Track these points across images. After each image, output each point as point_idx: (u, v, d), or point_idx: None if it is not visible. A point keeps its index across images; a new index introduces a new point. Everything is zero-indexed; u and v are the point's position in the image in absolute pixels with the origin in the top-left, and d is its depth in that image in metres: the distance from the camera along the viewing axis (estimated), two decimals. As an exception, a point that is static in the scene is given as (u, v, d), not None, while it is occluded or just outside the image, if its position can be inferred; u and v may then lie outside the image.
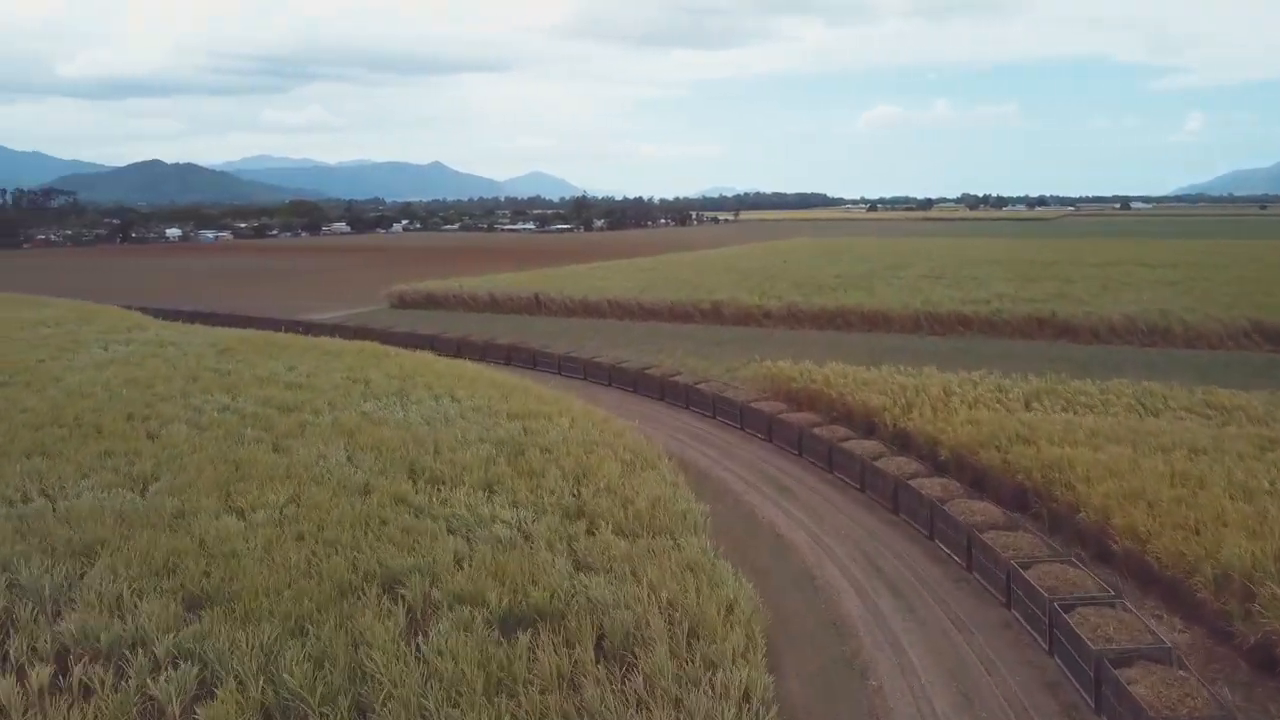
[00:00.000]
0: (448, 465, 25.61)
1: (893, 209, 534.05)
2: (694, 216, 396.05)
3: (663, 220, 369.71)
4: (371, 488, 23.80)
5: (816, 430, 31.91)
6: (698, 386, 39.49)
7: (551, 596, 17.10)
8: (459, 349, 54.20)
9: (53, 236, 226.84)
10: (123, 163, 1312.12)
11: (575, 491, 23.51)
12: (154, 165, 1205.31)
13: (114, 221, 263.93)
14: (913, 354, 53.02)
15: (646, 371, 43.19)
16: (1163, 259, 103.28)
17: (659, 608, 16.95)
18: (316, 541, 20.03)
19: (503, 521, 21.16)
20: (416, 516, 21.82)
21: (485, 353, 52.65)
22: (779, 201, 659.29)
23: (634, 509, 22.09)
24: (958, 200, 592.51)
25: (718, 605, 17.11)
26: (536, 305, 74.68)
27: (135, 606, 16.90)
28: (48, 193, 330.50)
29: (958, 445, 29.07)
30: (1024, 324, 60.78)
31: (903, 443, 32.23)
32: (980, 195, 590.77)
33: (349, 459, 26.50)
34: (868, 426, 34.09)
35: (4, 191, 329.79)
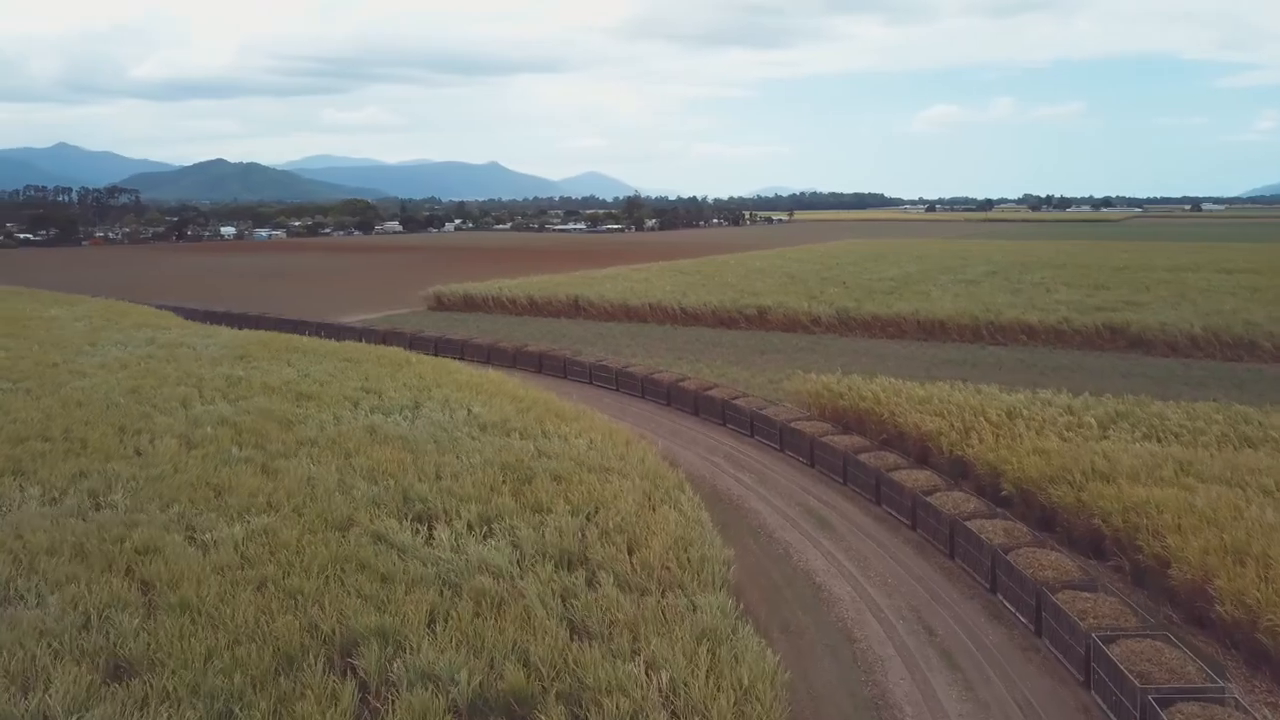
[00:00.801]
0: (445, 494, 22.93)
1: (951, 210, 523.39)
2: (747, 216, 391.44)
3: (715, 220, 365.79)
4: (355, 521, 21.21)
5: (863, 457, 28.62)
6: (735, 402, 36.37)
7: (530, 677, 14.22)
8: (489, 355, 51.73)
9: (111, 234, 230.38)
10: (189, 162, 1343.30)
11: (582, 531, 20.63)
12: (218, 165, 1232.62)
13: (173, 219, 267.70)
14: (972, 366, 49.34)
15: (681, 384, 40.19)
16: (1243, 264, 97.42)
17: (659, 692, 14.01)
18: (277, 590, 17.44)
19: (492, 570, 18.37)
20: (399, 557, 19.16)
21: (516, 360, 50.10)
22: (835, 201, 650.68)
23: (646, 555, 19.15)
24: (1019, 201, 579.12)
25: (732, 689, 14.10)
26: (575, 308, 72.04)
27: (48, 675, 14.38)
28: (112, 191, 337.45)
29: (1023, 479, 25.62)
30: (1093, 334, 56.61)
31: (960, 472, 28.85)
32: (1043, 196, 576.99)
33: (339, 483, 23.97)
34: (921, 452, 30.72)
35: (70, 190, 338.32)
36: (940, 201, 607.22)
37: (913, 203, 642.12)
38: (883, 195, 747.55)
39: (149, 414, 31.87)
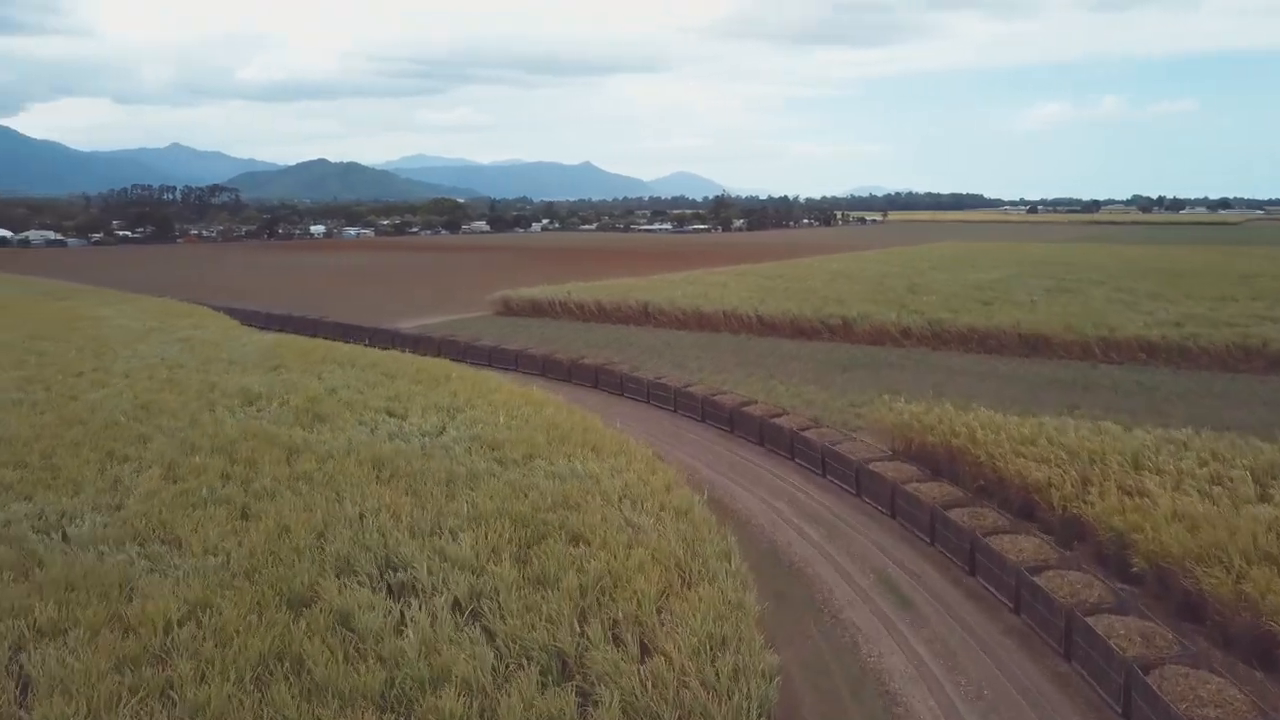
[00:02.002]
0: (436, 557, 18.87)
1: (1055, 211, 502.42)
2: (839, 217, 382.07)
3: (805, 220, 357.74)
4: (318, 594, 17.30)
5: (955, 513, 23.54)
6: (805, 434, 31.50)
7: None
8: (543, 368, 47.85)
9: (205, 232, 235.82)
10: (292, 162, 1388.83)
11: (582, 621, 16.26)
12: (319, 164, 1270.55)
13: (266, 217, 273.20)
14: (1083, 389, 43.32)
15: (746, 409, 35.46)
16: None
17: None
18: (176, 704, 13.58)
19: (460, 680, 14.17)
20: (353, 652, 15.15)
21: (571, 373, 46.07)
22: (931, 202, 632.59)
23: (661, 665, 14.70)
24: (1128, 202, 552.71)
25: None
26: (645, 315, 67.74)
27: None
28: (213, 190, 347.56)
29: (1161, 554, 20.29)
30: (1225, 353, 49.73)
31: (1075, 533, 23.57)
32: (1154, 197, 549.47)
33: (319, 536, 20.15)
34: (1026, 506, 25.47)
35: (174, 189, 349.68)
36: (1043, 202, 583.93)
37: (1013, 203, 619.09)
38: (982, 195, 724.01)
39: (147, 435, 28.79)
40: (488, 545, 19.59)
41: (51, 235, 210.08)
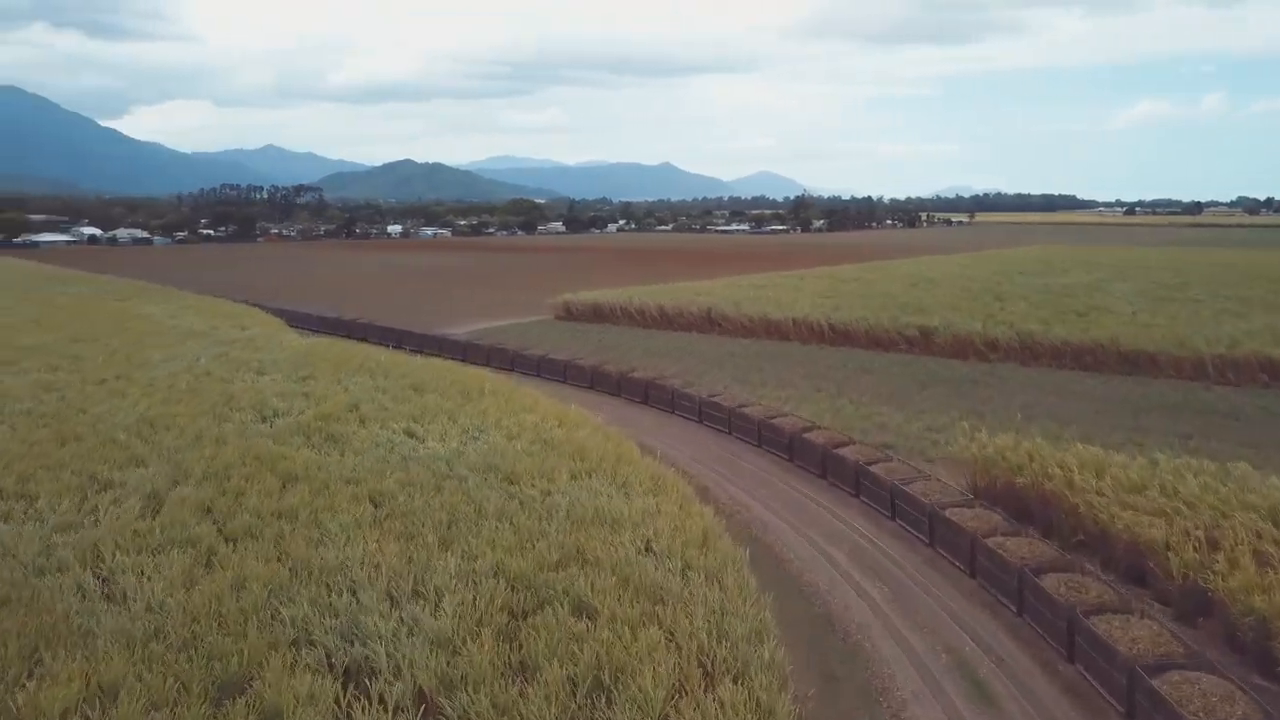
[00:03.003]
0: (406, 633, 15.62)
1: (1154, 213, 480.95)
2: (923, 218, 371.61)
3: (888, 221, 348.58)
4: (251, 679, 14.22)
5: (1050, 581, 19.37)
6: (872, 469, 27.47)
7: None
8: (592, 380, 44.58)
9: (286, 231, 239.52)
10: (379, 162, 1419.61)
11: (566, 739, 12.79)
12: (406, 164, 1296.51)
13: (346, 216, 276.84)
14: (1197, 416, 38.19)
15: (807, 435, 31.52)
16: None
17: None
18: None
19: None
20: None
21: (620, 386, 42.67)
22: (1021, 203, 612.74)
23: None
24: (1232, 204, 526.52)
25: None
26: (709, 322, 63.98)
27: None
28: (298, 189, 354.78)
29: (1321, 652, 15.91)
30: (1364, 376, 43.86)
31: (1199, 608, 19.24)
32: (1261, 199, 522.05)
33: (275, 595, 17.09)
34: (1135, 570, 21.15)
35: (261, 188, 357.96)
36: (1140, 204, 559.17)
37: (1109, 205, 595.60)
38: (1075, 197, 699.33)
39: (142, 458, 26.32)
40: (473, 615, 16.27)
41: (139, 234, 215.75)
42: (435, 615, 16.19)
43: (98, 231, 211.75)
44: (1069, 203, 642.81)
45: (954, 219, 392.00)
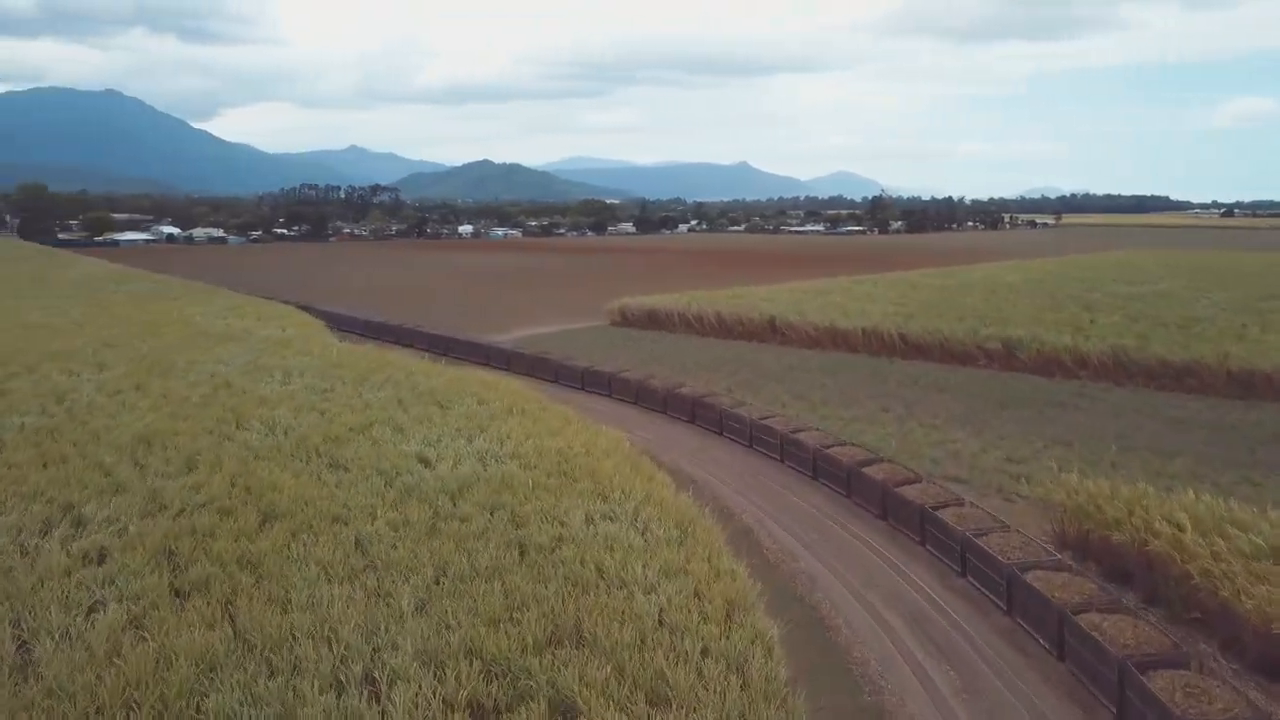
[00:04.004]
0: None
1: (1254, 215, 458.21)
2: (1006, 220, 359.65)
3: (970, 223, 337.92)
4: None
5: (1160, 679, 15.45)
6: (940, 514, 23.63)
7: None
8: (636, 395, 41.34)
9: (358, 231, 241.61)
10: (458, 162, 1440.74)
11: None
12: (483, 165, 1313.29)
13: (420, 216, 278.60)
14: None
15: (867, 469, 27.73)
16: None
17: None
18: None
19: None
20: None
21: (666, 403, 39.34)
22: (1110, 204, 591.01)
23: None
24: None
25: None
26: (771, 330, 60.17)
27: None
28: (374, 189, 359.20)
29: None
30: None
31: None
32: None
33: (210, 673, 14.25)
34: (1270, 663, 17.03)
35: (339, 188, 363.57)
36: (1239, 205, 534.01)
37: (1204, 206, 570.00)
38: (1167, 198, 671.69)
39: (123, 484, 23.92)
40: (427, 714, 13.15)
41: (215, 233, 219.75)
42: (382, 716, 13.11)
43: (176, 230, 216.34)
44: (1161, 204, 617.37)
45: (1039, 221, 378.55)
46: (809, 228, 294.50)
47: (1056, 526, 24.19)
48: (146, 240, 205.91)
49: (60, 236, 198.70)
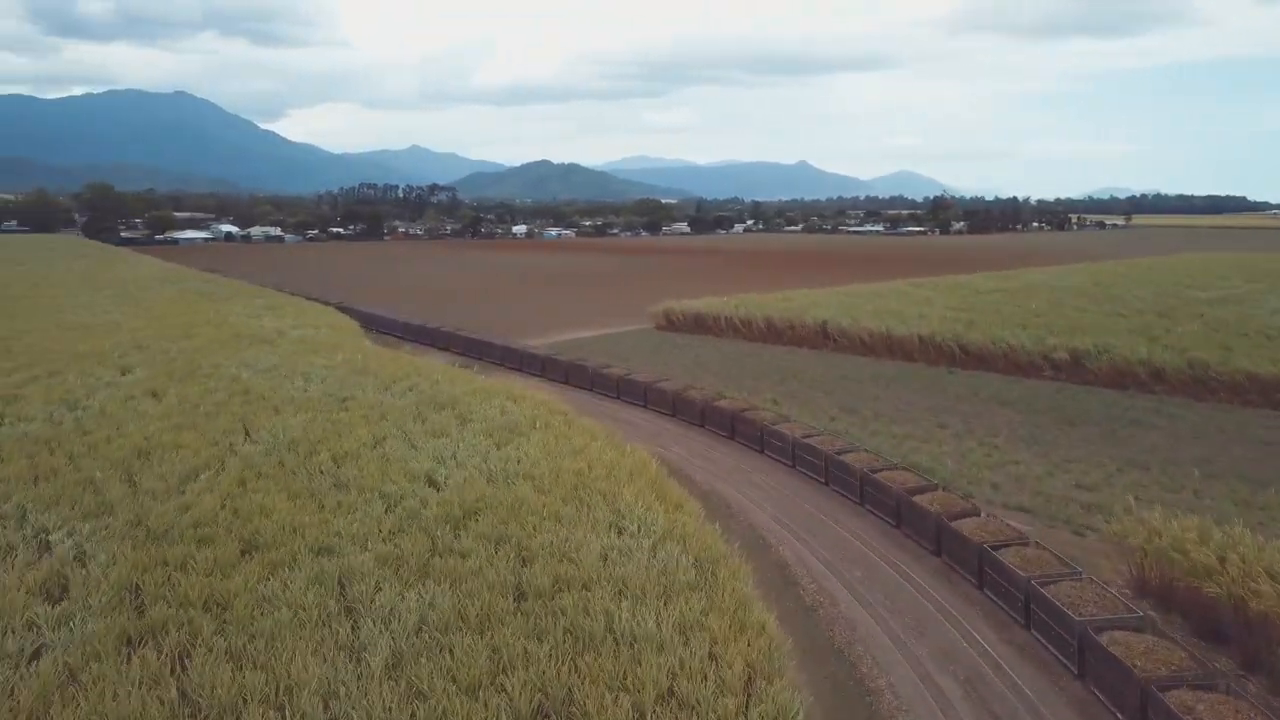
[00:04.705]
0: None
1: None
2: (1073, 220, 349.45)
3: (1035, 224, 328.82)
4: None
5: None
6: (1000, 554, 20.86)
7: None
8: (674, 406, 39.00)
9: (412, 230, 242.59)
10: (517, 162, 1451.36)
11: None
12: (542, 165, 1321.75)
13: (474, 215, 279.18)
14: None
15: (919, 497, 24.98)
16: None
17: None
18: None
19: None
20: None
21: (704, 416, 36.91)
22: (1183, 205, 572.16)
23: None
24: None
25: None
26: (823, 336, 57.34)
27: None
28: (432, 189, 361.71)
29: None
30: None
31: None
32: None
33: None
34: None
35: (397, 188, 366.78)
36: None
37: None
38: (1244, 198, 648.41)
39: (110, 504, 22.33)
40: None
41: (271, 231, 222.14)
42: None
43: (234, 229, 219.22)
44: (1238, 204, 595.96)
45: (1108, 221, 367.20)
46: (868, 228, 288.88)
47: (1135, 570, 21.31)
48: (205, 239, 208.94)
49: (123, 235, 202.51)
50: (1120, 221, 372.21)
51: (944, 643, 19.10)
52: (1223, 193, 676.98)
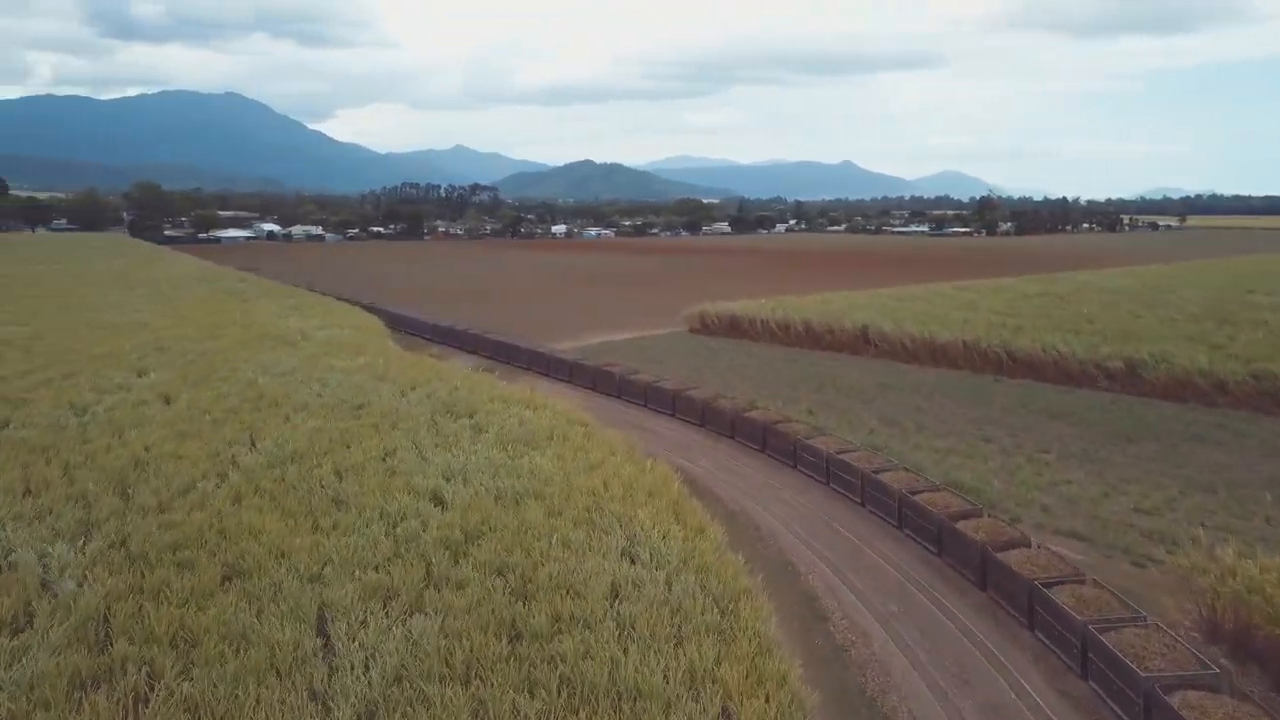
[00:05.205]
0: None
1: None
2: (1125, 221, 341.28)
3: (1085, 225, 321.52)
4: None
5: None
6: (1052, 593, 18.84)
7: None
8: (703, 416, 37.20)
9: (452, 230, 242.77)
10: (560, 162, 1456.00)
11: None
12: (585, 165, 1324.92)
13: (514, 215, 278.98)
14: None
15: (961, 525, 22.99)
16: None
17: None
18: None
19: None
20: None
21: (734, 427, 35.06)
22: (1240, 206, 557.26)
23: None
24: None
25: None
26: (863, 341, 55.15)
27: None
28: (474, 189, 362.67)
29: None
30: None
31: None
32: None
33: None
34: None
35: (439, 187, 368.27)
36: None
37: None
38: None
39: (98, 520, 21.13)
40: None
41: (313, 230, 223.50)
42: None
43: (276, 228, 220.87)
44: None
45: (1161, 223, 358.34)
46: (912, 228, 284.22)
47: (1205, 611, 19.15)
48: (247, 237, 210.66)
49: (166, 233, 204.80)
50: (1174, 223, 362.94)
51: (990, 694, 17.14)
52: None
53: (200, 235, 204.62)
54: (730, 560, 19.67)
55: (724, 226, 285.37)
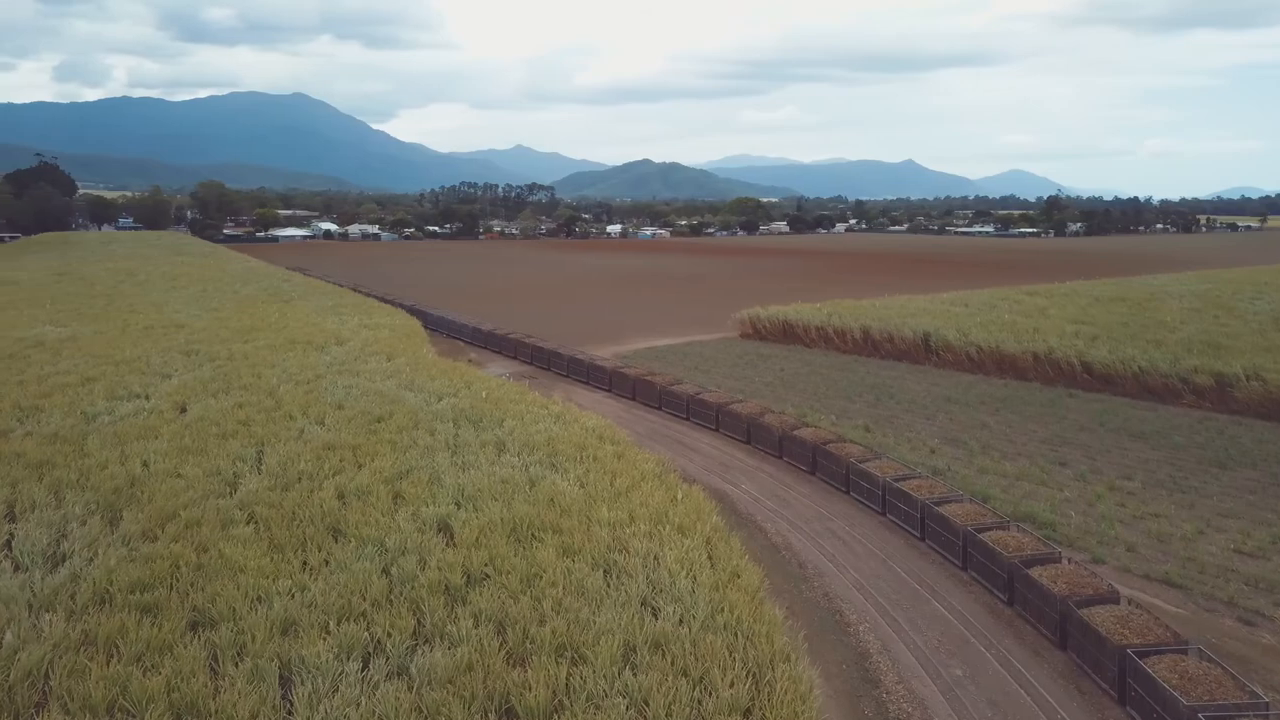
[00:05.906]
0: None
1: None
2: (1201, 222, 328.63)
3: (1159, 225, 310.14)
4: None
5: None
6: (1146, 664, 15.89)
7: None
8: (749, 432, 34.53)
9: (506, 229, 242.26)
10: (618, 162, 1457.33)
11: None
12: (643, 164, 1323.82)
13: (570, 214, 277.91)
14: None
15: (1035, 569, 20.04)
16: None
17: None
18: None
19: None
20: None
21: (782, 446, 32.31)
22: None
23: None
24: None
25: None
26: (924, 350, 51.86)
27: None
28: (530, 188, 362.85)
29: None
30: None
31: None
32: None
33: None
34: None
35: (495, 187, 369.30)
36: None
37: None
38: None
39: (66, 555, 19.19)
40: None
41: (369, 229, 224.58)
42: None
43: (333, 227, 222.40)
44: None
45: (1240, 223, 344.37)
46: (977, 229, 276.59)
47: (1335, 690, 16.02)
48: (304, 236, 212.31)
49: (225, 232, 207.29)
50: (1255, 223, 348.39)
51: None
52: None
53: (258, 234, 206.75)
54: (768, 614, 17.01)
55: (782, 226, 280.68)
